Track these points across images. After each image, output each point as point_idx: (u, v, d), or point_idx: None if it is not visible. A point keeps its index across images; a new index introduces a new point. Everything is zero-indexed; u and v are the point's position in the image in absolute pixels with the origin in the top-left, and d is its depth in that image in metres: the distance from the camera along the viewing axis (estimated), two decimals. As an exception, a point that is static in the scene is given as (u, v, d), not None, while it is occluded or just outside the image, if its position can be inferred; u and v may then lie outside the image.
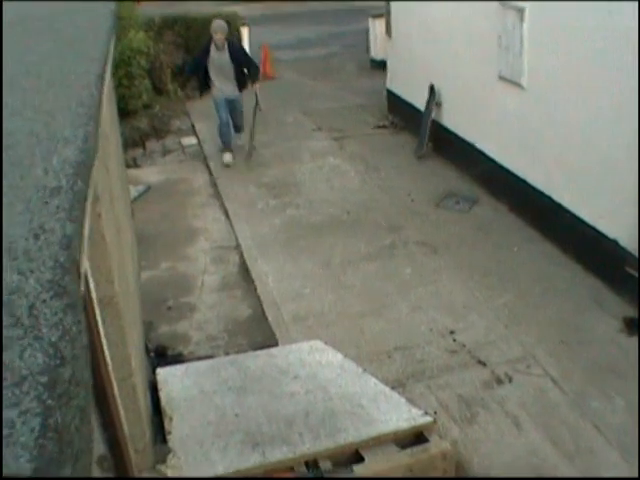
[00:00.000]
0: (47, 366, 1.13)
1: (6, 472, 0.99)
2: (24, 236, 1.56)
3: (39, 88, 2.86)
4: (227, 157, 12.92)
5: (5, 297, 1.32)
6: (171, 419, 5.85)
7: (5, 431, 1.00)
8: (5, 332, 1.22)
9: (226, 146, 13.06)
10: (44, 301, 1.30)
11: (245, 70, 12.76)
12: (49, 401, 1.05)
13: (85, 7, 5.19)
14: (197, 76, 13.20)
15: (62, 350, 1.18)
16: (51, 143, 2.14)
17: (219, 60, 12.53)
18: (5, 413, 1.04)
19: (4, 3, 4.83)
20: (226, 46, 12.52)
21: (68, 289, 1.36)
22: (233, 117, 13.21)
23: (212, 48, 12.52)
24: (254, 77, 12.84)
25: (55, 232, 1.56)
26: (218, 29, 12.40)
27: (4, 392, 1.08)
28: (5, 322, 1.25)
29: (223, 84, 12.69)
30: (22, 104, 2.62)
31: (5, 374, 1.11)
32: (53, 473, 1.01)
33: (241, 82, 12.83)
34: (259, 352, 6.96)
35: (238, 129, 13.56)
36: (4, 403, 1.06)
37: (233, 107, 13.04)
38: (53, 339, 1.19)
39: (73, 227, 1.60)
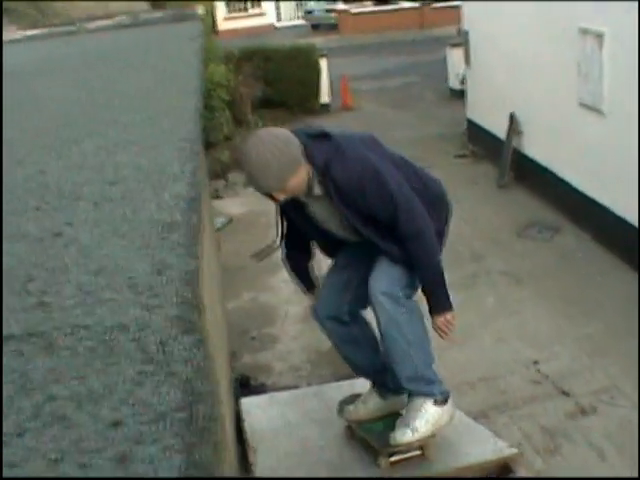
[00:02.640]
0: (184, 403, 1.15)
1: None
2: (147, 271, 1.59)
3: (141, 123, 2.92)
4: None
5: (135, 333, 1.35)
6: (255, 451, 5.85)
7: (148, 467, 1.02)
8: (138, 368, 1.25)
9: None
10: (175, 338, 1.32)
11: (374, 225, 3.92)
12: (190, 438, 1.06)
13: (175, 40, 5.30)
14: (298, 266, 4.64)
15: (197, 386, 1.19)
16: (160, 178, 2.18)
17: (318, 213, 3.99)
18: (145, 449, 1.05)
19: (99, 34, 4.94)
20: (315, 182, 3.66)
21: (196, 325, 1.38)
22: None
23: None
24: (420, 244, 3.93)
25: (177, 268, 1.59)
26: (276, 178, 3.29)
27: (143, 428, 1.10)
28: (138, 358, 1.27)
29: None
30: (125, 139, 2.68)
31: (141, 409, 1.13)
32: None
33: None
34: (342, 383, 6.92)
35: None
36: (145, 439, 1.07)
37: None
38: (187, 376, 1.21)
39: (194, 263, 1.63)
